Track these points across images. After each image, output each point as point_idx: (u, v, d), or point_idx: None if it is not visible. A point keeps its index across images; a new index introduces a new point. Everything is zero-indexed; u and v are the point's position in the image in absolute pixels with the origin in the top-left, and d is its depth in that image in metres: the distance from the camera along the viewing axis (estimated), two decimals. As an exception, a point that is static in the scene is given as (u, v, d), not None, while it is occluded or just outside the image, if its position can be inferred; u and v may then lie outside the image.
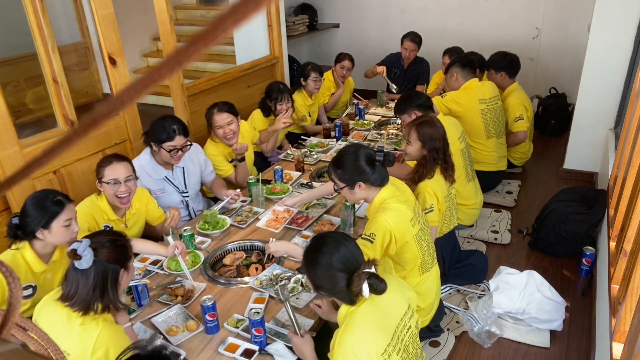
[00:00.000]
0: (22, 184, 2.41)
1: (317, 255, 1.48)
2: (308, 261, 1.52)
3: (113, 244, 1.52)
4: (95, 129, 0.34)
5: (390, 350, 1.45)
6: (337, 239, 1.50)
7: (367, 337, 1.42)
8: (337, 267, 1.45)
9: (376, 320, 1.47)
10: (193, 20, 6.00)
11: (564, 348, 2.34)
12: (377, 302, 1.48)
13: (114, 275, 1.49)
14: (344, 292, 1.46)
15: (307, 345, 1.61)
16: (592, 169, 3.90)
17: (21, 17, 2.52)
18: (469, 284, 2.74)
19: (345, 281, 1.44)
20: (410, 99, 2.93)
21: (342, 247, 1.47)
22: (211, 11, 6.02)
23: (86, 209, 2.16)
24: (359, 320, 1.44)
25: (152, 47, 6.03)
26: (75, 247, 1.42)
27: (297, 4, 5.92)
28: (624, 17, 3.38)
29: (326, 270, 1.46)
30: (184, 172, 2.67)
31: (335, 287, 1.46)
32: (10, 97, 4.01)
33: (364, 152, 1.97)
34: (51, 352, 0.49)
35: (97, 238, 1.52)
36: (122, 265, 1.53)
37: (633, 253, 1.93)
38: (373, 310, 1.47)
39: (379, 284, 1.42)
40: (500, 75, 3.80)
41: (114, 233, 1.63)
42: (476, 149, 3.46)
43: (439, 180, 2.41)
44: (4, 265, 0.45)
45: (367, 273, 1.43)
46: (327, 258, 1.46)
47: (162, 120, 2.51)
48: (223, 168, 2.96)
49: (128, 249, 1.58)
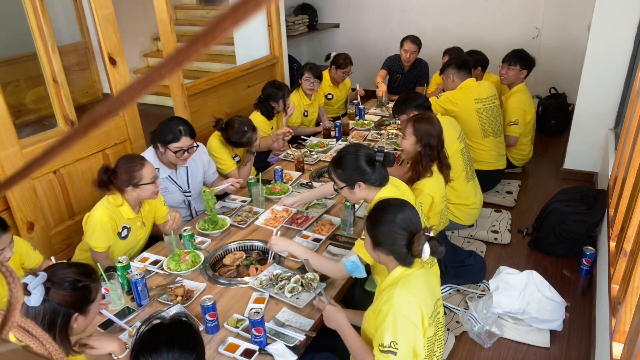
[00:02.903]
0: (22, 184, 2.41)
1: (382, 213, 1.58)
2: (373, 219, 1.60)
3: (72, 286, 1.39)
4: (95, 129, 0.34)
5: (431, 321, 1.55)
6: (402, 202, 1.62)
7: (422, 298, 1.51)
8: (400, 225, 1.53)
9: (426, 289, 1.56)
10: (193, 20, 6.01)
11: (564, 348, 2.34)
12: (426, 274, 1.59)
13: (64, 320, 1.37)
14: (403, 251, 1.54)
15: (340, 312, 1.67)
16: (592, 169, 3.90)
17: (21, 17, 2.52)
18: (467, 284, 2.74)
19: (406, 240, 1.52)
20: (408, 99, 2.93)
21: (406, 209, 1.57)
22: (211, 11, 6.03)
23: (106, 210, 2.16)
24: (415, 282, 1.53)
25: (152, 47, 6.04)
26: (27, 281, 1.29)
27: (297, 4, 5.93)
28: (624, 17, 3.38)
29: (390, 226, 1.54)
30: (187, 172, 2.67)
31: (394, 244, 1.54)
32: (10, 97, 4.01)
33: (364, 152, 1.98)
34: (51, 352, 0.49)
35: (59, 274, 1.39)
36: (78, 309, 1.40)
37: (633, 253, 1.93)
38: (424, 280, 1.57)
39: (438, 247, 1.50)
40: (523, 73, 3.80)
41: (82, 272, 1.45)
42: (474, 149, 3.47)
43: (439, 180, 2.41)
44: (4, 265, 0.45)
45: (427, 235, 1.51)
46: (392, 216, 1.55)
47: (169, 122, 2.52)
48: (226, 163, 2.96)
49: (90, 291, 1.44)
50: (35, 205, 2.55)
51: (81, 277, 1.43)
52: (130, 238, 2.28)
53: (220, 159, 2.94)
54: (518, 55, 3.81)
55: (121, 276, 1.99)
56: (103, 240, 2.14)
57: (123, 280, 1.99)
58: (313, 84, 3.86)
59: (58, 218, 2.73)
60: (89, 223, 2.16)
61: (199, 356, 1.23)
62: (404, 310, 1.45)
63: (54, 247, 2.68)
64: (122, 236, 2.23)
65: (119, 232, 2.22)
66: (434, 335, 1.59)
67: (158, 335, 1.21)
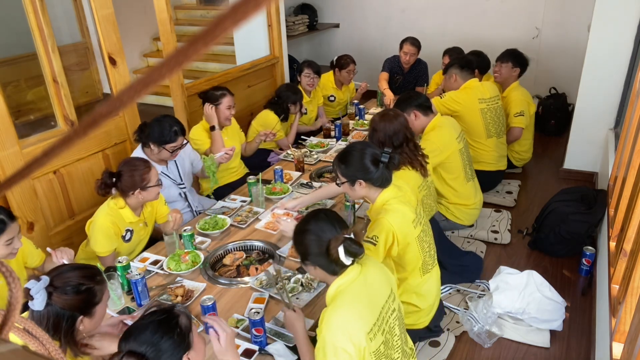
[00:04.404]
0: (22, 184, 2.41)
1: (302, 225, 1.57)
2: (295, 234, 1.59)
3: (74, 290, 1.39)
4: (95, 129, 0.34)
5: (375, 330, 1.49)
6: (317, 211, 1.60)
7: (356, 316, 1.46)
8: (315, 233, 1.51)
9: (364, 300, 1.51)
10: (193, 20, 6.01)
11: (564, 348, 2.34)
12: (364, 282, 1.53)
13: (68, 323, 1.38)
14: (325, 259, 1.49)
15: (299, 320, 1.64)
16: (592, 169, 3.90)
17: (21, 17, 2.52)
18: (461, 283, 2.74)
19: (324, 247, 1.48)
20: (409, 99, 2.93)
21: (321, 216, 1.56)
22: (211, 11, 6.03)
23: (108, 215, 2.17)
24: (348, 298, 1.48)
25: (152, 47, 6.04)
26: (29, 286, 1.30)
27: (297, 4, 5.92)
28: (624, 17, 3.38)
29: (307, 236, 1.52)
30: (176, 164, 2.75)
31: (315, 254, 1.51)
32: (10, 97, 4.01)
33: (370, 151, 1.97)
34: (51, 352, 0.49)
35: (62, 278, 1.40)
36: (83, 312, 1.41)
37: (633, 253, 1.93)
38: (361, 291, 1.51)
39: (351, 245, 1.46)
40: (515, 70, 3.80)
41: (84, 275, 1.45)
42: (476, 149, 3.47)
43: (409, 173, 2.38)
44: (4, 265, 0.45)
45: (342, 238, 1.47)
46: (308, 225, 1.54)
47: (162, 122, 2.54)
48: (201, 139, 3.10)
49: (94, 294, 1.45)
50: (35, 205, 2.55)
51: (85, 280, 1.43)
52: (133, 239, 2.29)
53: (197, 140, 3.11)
54: (510, 53, 3.83)
55: (121, 276, 1.99)
56: (107, 245, 2.15)
57: (123, 280, 1.99)
58: (313, 79, 3.92)
59: (58, 218, 2.73)
60: (92, 229, 2.17)
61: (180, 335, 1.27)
62: (335, 340, 1.42)
63: (53, 247, 2.66)
64: (126, 239, 2.24)
65: (123, 236, 2.22)
66: (383, 344, 1.54)
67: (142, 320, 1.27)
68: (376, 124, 2.38)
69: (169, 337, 1.24)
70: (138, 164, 2.18)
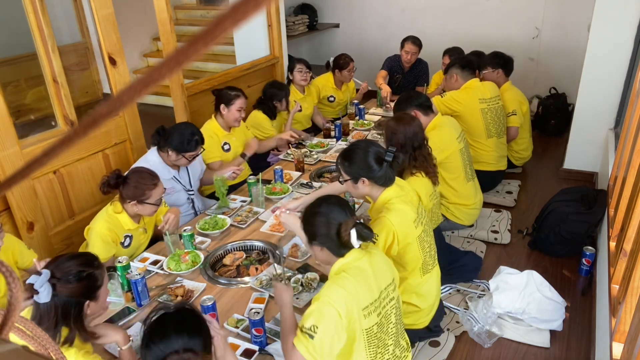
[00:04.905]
0: (22, 184, 2.41)
1: (312, 208, 1.63)
2: (305, 216, 1.66)
3: (77, 277, 1.44)
4: (95, 129, 0.34)
5: (371, 310, 1.55)
6: (328, 196, 1.69)
7: (354, 290, 1.51)
8: (327, 215, 1.57)
9: (365, 279, 1.56)
10: (193, 20, 6.01)
11: (564, 348, 2.34)
12: (368, 265, 1.58)
13: (76, 309, 1.44)
14: (335, 241, 1.55)
15: (288, 292, 1.67)
16: (592, 169, 3.90)
17: (21, 17, 2.52)
18: (459, 282, 2.73)
19: (335, 229, 1.55)
20: (410, 98, 2.93)
21: (332, 200, 1.63)
22: (211, 11, 6.03)
23: (106, 222, 2.17)
24: (350, 274, 1.54)
25: (152, 47, 6.04)
26: (32, 281, 1.33)
27: (297, 4, 5.92)
28: (624, 17, 3.38)
29: (318, 217, 1.58)
30: (188, 171, 2.75)
31: (325, 235, 1.57)
32: (10, 97, 4.01)
33: (374, 150, 1.97)
34: (51, 352, 0.49)
35: (62, 268, 1.44)
36: (88, 297, 1.47)
37: (633, 253, 1.93)
38: (363, 271, 1.57)
39: (363, 229, 1.52)
40: (497, 72, 3.78)
41: (83, 262, 1.49)
42: (476, 149, 3.46)
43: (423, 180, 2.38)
44: (4, 265, 0.45)
45: (354, 222, 1.53)
46: (320, 208, 1.60)
47: (184, 130, 2.58)
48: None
49: (96, 278, 1.50)
50: (35, 205, 2.55)
51: (84, 267, 1.48)
52: (133, 245, 2.29)
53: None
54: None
55: (121, 276, 1.99)
56: (104, 252, 2.15)
57: (123, 280, 1.99)
58: (306, 74, 3.94)
59: (58, 218, 2.73)
60: (90, 236, 2.17)
61: (205, 338, 1.29)
62: (332, 300, 1.47)
63: (53, 247, 2.68)
64: (125, 245, 2.24)
65: (122, 242, 2.22)
66: (377, 325, 1.57)
67: (166, 323, 1.26)
68: (395, 127, 2.38)
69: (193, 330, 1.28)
70: (147, 177, 2.17)
